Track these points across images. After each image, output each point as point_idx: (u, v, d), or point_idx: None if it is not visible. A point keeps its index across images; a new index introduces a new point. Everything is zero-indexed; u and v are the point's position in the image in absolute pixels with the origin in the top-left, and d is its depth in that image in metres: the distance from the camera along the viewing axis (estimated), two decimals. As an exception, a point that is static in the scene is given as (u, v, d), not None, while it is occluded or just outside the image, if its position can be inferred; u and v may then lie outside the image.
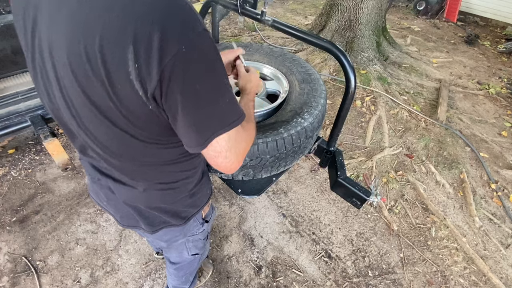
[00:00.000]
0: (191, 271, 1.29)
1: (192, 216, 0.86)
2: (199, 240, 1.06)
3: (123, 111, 0.50)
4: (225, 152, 0.54)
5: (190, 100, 0.47)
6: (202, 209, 0.89)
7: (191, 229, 0.93)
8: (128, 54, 0.43)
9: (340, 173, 1.13)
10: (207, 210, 0.95)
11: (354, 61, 3.44)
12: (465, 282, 1.73)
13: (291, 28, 1.05)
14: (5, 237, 1.74)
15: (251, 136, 0.65)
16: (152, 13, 0.43)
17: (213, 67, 0.49)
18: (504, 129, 2.92)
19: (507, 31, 5.30)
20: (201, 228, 0.97)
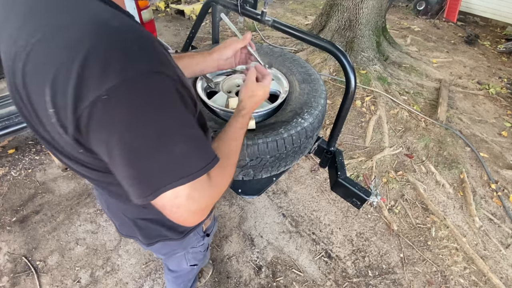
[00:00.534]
0: (190, 279, 1.28)
1: (191, 230, 0.81)
2: (199, 252, 1.03)
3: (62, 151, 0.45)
4: (171, 208, 0.46)
5: (117, 152, 0.39)
6: (203, 223, 0.86)
7: (191, 243, 0.89)
8: (46, 97, 0.37)
9: (340, 173, 1.13)
10: (208, 223, 0.92)
11: (354, 61, 3.44)
12: (465, 282, 1.73)
13: (291, 28, 1.05)
14: (5, 237, 1.74)
15: (224, 181, 0.55)
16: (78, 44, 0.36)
17: (154, 115, 0.39)
18: (504, 129, 2.92)
19: (507, 31, 5.30)
20: (202, 241, 0.94)
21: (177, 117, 0.42)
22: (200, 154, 0.46)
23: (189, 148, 0.44)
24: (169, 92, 0.41)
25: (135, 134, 0.39)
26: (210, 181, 0.50)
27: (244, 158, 0.97)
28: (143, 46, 0.38)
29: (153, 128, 0.39)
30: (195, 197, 0.47)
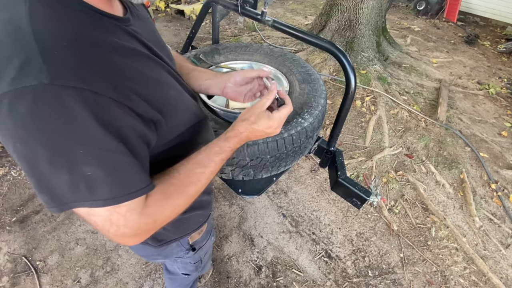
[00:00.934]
0: (186, 284, 1.25)
1: (171, 241, 0.76)
2: (188, 264, 0.98)
3: None
4: (90, 223, 0.44)
5: (16, 158, 0.38)
6: (189, 236, 0.80)
7: (174, 253, 0.84)
8: None
9: (340, 173, 1.13)
10: (196, 237, 0.85)
11: (354, 61, 3.44)
12: (465, 282, 1.73)
13: (291, 28, 1.05)
14: (5, 237, 1.74)
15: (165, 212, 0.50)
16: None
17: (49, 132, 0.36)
18: (504, 129, 2.92)
19: (507, 31, 5.30)
20: (188, 254, 0.88)
21: (79, 138, 0.37)
22: (113, 181, 0.41)
23: (96, 173, 0.39)
24: (79, 110, 0.35)
25: (30, 146, 0.36)
26: (143, 208, 0.46)
27: (245, 158, 0.97)
28: (58, 55, 0.35)
29: (43, 148, 0.36)
30: (114, 221, 0.43)
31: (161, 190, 0.50)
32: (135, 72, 0.45)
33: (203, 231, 0.86)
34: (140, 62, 0.47)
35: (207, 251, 1.02)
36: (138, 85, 0.44)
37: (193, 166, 0.55)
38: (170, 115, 0.52)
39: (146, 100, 0.45)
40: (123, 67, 0.43)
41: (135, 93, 0.43)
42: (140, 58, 0.48)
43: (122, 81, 0.41)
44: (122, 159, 0.42)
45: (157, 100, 0.48)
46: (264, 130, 0.61)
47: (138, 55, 0.48)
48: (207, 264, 1.19)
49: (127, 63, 0.44)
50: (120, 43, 0.44)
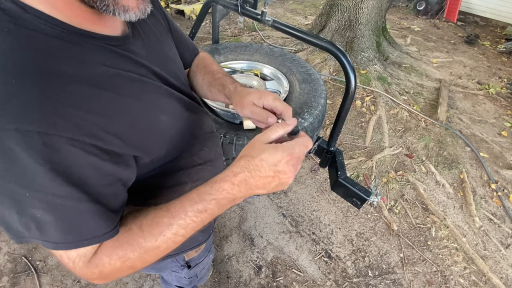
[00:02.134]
0: None
1: (166, 257, 0.70)
2: (183, 278, 0.94)
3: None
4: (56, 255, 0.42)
5: None
6: (185, 253, 0.78)
7: (167, 267, 0.81)
8: None
9: (341, 173, 1.13)
10: (193, 255, 0.81)
11: (354, 61, 3.44)
12: (465, 282, 1.73)
13: (291, 28, 1.05)
14: (5, 237, 1.74)
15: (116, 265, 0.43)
16: None
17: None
18: (504, 129, 2.92)
19: (507, 31, 5.30)
20: (183, 270, 0.84)
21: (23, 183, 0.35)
22: (64, 227, 0.38)
23: (44, 217, 0.37)
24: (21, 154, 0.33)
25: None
26: (92, 257, 0.42)
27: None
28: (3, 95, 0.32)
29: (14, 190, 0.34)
30: (65, 263, 0.41)
31: (116, 237, 0.43)
32: (109, 106, 0.40)
33: (201, 249, 0.83)
34: (123, 90, 0.43)
35: (204, 267, 0.98)
36: (111, 120, 0.40)
37: (162, 213, 0.44)
38: (153, 148, 0.48)
39: (119, 137, 0.40)
40: (94, 101, 0.38)
41: (105, 130, 0.39)
42: (124, 84, 0.43)
43: (89, 117, 0.37)
44: (74, 205, 0.38)
45: (136, 136, 0.44)
46: (274, 168, 0.42)
47: (123, 80, 0.43)
48: (204, 277, 1.15)
49: (101, 95, 0.39)
50: (96, 72, 0.40)
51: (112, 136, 0.39)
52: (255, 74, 1.37)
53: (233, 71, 1.40)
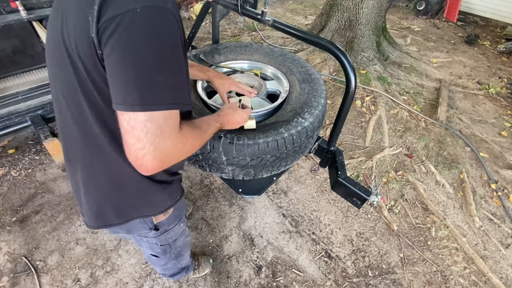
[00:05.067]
0: (163, 269, 1.24)
1: (134, 218, 0.80)
2: (154, 245, 0.98)
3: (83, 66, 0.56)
4: (139, 132, 0.50)
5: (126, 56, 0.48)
6: (153, 216, 0.83)
7: (136, 229, 0.86)
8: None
9: (341, 173, 1.13)
10: (161, 218, 0.87)
11: (354, 61, 3.44)
12: (465, 282, 1.73)
13: (291, 28, 1.05)
14: (5, 237, 1.74)
15: (187, 146, 0.59)
16: None
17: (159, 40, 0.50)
18: (504, 129, 2.92)
19: (507, 31, 5.30)
20: (151, 233, 0.89)
21: (177, 54, 0.53)
22: (182, 91, 0.55)
23: (173, 80, 0.52)
24: (175, 30, 0.53)
25: (147, 48, 0.48)
26: (180, 129, 0.56)
27: (245, 157, 0.97)
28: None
29: (158, 51, 0.49)
30: (164, 130, 0.51)
31: (188, 122, 0.62)
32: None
33: (169, 214, 0.88)
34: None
35: (177, 237, 1.02)
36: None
37: (201, 122, 0.70)
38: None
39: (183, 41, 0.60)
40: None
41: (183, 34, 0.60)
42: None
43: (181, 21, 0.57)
44: (186, 74, 0.58)
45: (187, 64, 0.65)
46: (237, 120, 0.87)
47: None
48: (183, 254, 1.19)
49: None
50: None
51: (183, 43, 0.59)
52: (255, 74, 1.37)
53: (233, 71, 1.40)
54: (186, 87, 0.58)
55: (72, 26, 0.54)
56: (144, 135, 0.49)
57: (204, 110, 1.11)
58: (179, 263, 1.23)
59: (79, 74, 0.57)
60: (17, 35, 1.95)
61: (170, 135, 0.52)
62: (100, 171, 0.70)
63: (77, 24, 0.53)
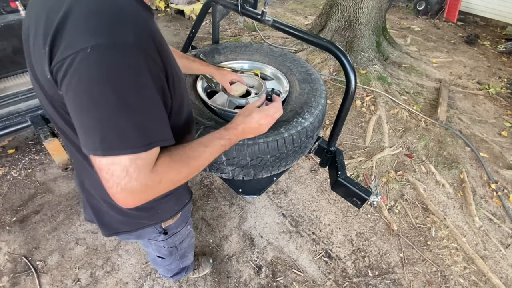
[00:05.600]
0: (168, 270, 1.26)
1: (145, 226, 0.81)
2: (162, 247, 1.00)
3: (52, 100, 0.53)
4: (105, 174, 0.47)
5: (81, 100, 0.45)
6: (162, 222, 0.84)
7: (146, 234, 0.87)
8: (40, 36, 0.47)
9: (341, 173, 1.13)
10: (170, 223, 0.88)
11: (354, 61, 3.44)
12: (465, 282, 1.73)
13: (291, 28, 1.05)
14: (5, 237, 1.74)
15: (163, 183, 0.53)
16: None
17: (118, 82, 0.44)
18: (504, 129, 2.92)
19: (507, 31, 5.30)
20: (160, 237, 0.91)
21: (143, 90, 0.46)
22: (155, 130, 0.49)
23: (138, 122, 0.47)
24: (138, 64, 0.45)
25: (102, 91, 0.43)
26: (154, 166, 0.51)
27: (245, 157, 0.97)
28: (127, 18, 0.45)
29: (113, 95, 0.44)
30: (131, 173, 0.47)
31: (169, 154, 0.55)
32: (167, 53, 0.55)
33: (177, 218, 0.89)
34: (167, 46, 0.57)
35: (183, 239, 1.04)
36: (170, 65, 0.54)
37: (196, 145, 0.62)
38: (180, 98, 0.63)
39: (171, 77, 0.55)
40: (163, 47, 0.52)
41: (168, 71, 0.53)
42: (165, 43, 0.58)
43: (163, 57, 0.51)
44: (161, 114, 0.51)
45: (177, 81, 0.58)
46: (258, 122, 0.73)
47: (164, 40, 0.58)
48: (187, 255, 1.21)
49: (164, 45, 0.54)
50: (157, 27, 0.55)
51: (168, 67, 0.53)
52: (255, 74, 1.37)
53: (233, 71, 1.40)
54: (161, 125, 0.51)
55: (35, 65, 0.52)
56: (110, 177, 0.47)
57: (204, 110, 1.11)
58: (182, 263, 1.24)
59: (52, 107, 0.55)
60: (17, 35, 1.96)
61: (137, 177, 0.48)
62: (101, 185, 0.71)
63: (37, 64, 0.51)
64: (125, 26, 0.45)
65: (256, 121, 0.73)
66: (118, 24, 0.44)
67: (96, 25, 0.43)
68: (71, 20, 0.44)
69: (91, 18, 0.44)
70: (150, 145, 0.48)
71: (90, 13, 0.44)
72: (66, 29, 0.44)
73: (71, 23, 0.44)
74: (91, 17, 0.44)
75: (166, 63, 0.52)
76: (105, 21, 0.44)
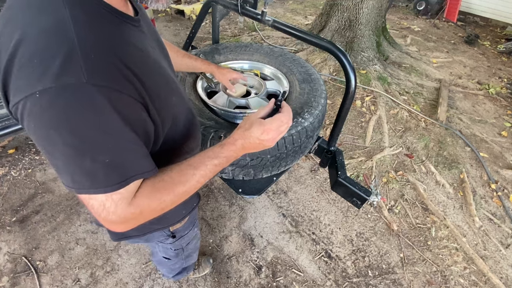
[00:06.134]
0: (172, 269, 1.27)
1: (153, 231, 0.82)
2: (169, 249, 1.02)
3: None
4: (87, 204, 0.48)
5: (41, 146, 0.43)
6: (170, 226, 0.85)
7: (155, 238, 0.89)
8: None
9: (341, 173, 1.13)
10: (178, 226, 0.89)
11: (354, 61, 3.44)
12: (465, 282, 1.73)
13: (291, 28, 1.05)
14: (5, 237, 1.74)
15: (144, 214, 0.52)
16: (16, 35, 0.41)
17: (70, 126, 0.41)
18: (504, 129, 2.92)
19: (507, 31, 5.30)
20: (168, 240, 0.92)
21: (107, 127, 0.43)
22: (121, 168, 0.46)
23: (107, 161, 0.44)
24: (97, 102, 0.41)
25: (60, 134, 0.41)
26: (132, 198, 0.50)
27: (245, 157, 0.97)
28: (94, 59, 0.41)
29: (72, 137, 0.41)
30: (108, 207, 0.47)
31: (151, 183, 0.52)
32: (149, 70, 0.50)
33: (185, 221, 0.90)
34: (150, 60, 0.53)
35: (190, 241, 1.05)
36: (152, 83, 0.50)
37: (185, 167, 0.57)
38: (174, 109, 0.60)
39: (156, 97, 0.51)
40: (141, 66, 0.48)
41: (149, 93, 0.48)
42: (148, 56, 0.53)
43: (141, 80, 0.46)
44: (134, 147, 0.48)
45: (165, 99, 0.54)
46: (258, 137, 0.62)
47: (148, 53, 0.53)
48: (192, 254, 1.22)
49: (144, 62, 0.49)
50: (138, 43, 0.50)
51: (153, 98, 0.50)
52: (255, 74, 1.37)
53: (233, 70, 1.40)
54: (130, 159, 0.47)
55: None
56: (91, 209, 0.48)
57: (204, 110, 1.11)
58: (186, 263, 1.25)
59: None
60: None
61: (115, 211, 0.48)
62: None
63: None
64: (77, 62, 0.39)
65: (257, 137, 0.62)
66: (68, 61, 0.39)
67: (43, 65, 0.38)
68: (17, 59, 0.40)
69: (36, 56, 0.39)
70: (126, 182, 0.47)
71: (36, 50, 0.39)
72: (13, 70, 0.40)
73: (17, 63, 0.40)
74: (36, 55, 0.39)
75: (145, 82, 0.47)
76: (53, 59, 0.38)
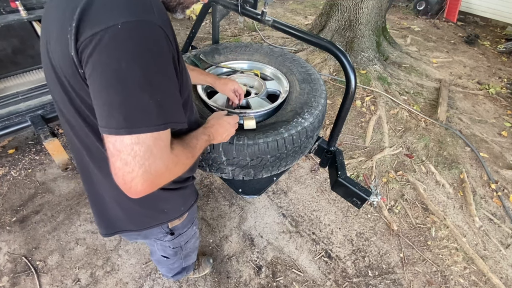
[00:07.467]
0: (171, 269, 1.26)
1: (151, 227, 0.82)
2: (167, 247, 1.02)
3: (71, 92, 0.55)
4: (126, 156, 0.47)
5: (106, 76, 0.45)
6: (168, 222, 0.86)
7: (153, 234, 0.89)
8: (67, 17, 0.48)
9: (341, 173, 1.13)
10: (177, 223, 0.90)
11: (354, 61, 3.44)
12: (465, 282, 1.73)
13: (291, 28, 1.05)
14: (5, 237, 1.74)
15: (178, 166, 0.56)
16: None
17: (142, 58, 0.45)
18: (504, 129, 2.92)
19: (507, 31, 5.30)
20: (167, 237, 0.93)
21: (165, 69, 0.49)
22: (173, 110, 0.51)
23: (160, 100, 0.48)
24: (163, 44, 0.48)
25: (130, 67, 0.45)
26: (171, 149, 0.53)
27: (245, 157, 0.97)
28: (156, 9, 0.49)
29: (140, 72, 0.45)
30: (155, 153, 0.48)
31: (178, 142, 0.60)
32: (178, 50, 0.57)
33: (183, 218, 0.91)
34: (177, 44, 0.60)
35: (188, 239, 1.05)
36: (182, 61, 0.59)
37: (189, 137, 0.67)
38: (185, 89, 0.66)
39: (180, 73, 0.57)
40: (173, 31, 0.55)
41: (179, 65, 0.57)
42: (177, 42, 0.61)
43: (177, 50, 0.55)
44: (177, 92, 0.54)
45: (185, 81, 0.63)
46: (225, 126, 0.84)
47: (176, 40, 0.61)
48: (191, 255, 1.22)
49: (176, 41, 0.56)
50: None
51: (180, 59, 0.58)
52: (255, 74, 1.37)
53: (233, 71, 1.40)
54: (177, 105, 0.53)
55: (54, 46, 0.52)
56: (132, 158, 0.47)
57: (204, 110, 1.11)
58: (185, 263, 1.25)
59: (69, 94, 0.55)
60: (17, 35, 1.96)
61: (161, 156, 0.49)
62: (106, 183, 0.70)
63: (58, 44, 0.51)
64: (150, 6, 0.47)
65: (225, 125, 0.84)
66: (144, 4, 0.47)
67: (124, 3, 0.45)
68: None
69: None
70: (167, 125, 0.50)
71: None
72: (94, 6, 0.45)
73: (98, 1, 0.45)
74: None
75: (178, 51, 0.55)
76: (132, 1, 0.46)
